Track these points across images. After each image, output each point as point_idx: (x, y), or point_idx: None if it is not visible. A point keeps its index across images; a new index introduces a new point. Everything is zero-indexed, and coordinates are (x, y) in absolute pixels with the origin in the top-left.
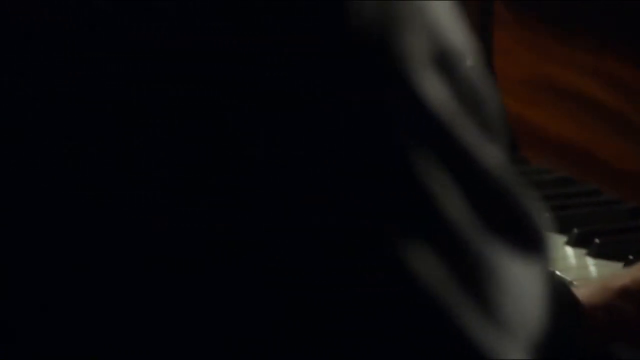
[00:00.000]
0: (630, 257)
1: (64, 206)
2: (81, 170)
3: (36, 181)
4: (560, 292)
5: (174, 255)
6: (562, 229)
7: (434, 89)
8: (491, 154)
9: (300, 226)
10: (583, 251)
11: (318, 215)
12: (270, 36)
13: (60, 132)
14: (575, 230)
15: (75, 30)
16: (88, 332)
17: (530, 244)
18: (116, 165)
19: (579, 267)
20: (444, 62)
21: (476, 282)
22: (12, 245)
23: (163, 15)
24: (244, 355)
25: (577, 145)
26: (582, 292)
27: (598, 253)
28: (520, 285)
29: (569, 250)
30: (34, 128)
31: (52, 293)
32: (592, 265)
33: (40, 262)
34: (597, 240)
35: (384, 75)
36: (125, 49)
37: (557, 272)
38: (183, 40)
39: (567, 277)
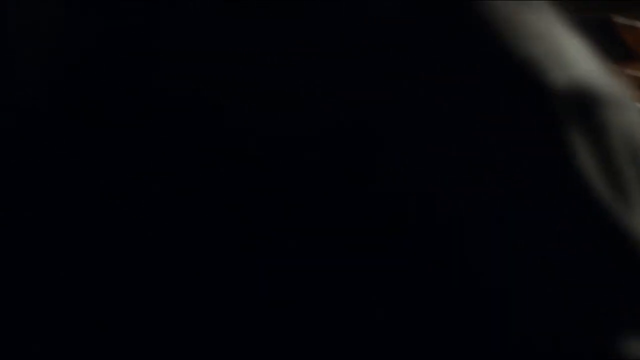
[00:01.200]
0: None
1: (64, 206)
2: (81, 170)
3: (35, 182)
4: None
5: (173, 255)
6: None
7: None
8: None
9: (301, 226)
10: None
11: (318, 216)
12: (270, 36)
13: (60, 132)
14: None
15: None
16: (86, 332)
17: None
18: (116, 165)
19: None
20: (581, 110)
21: None
22: (9, 246)
23: (163, 15)
24: (244, 356)
25: None
26: None
27: None
28: None
29: None
30: (34, 128)
31: (50, 293)
32: None
33: (38, 262)
34: None
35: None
36: (125, 49)
37: None
38: (183, 40)
39: None
